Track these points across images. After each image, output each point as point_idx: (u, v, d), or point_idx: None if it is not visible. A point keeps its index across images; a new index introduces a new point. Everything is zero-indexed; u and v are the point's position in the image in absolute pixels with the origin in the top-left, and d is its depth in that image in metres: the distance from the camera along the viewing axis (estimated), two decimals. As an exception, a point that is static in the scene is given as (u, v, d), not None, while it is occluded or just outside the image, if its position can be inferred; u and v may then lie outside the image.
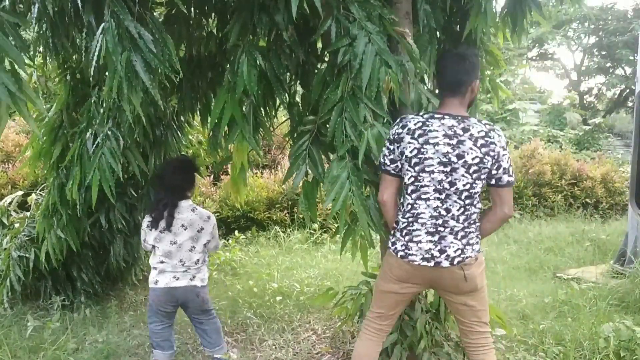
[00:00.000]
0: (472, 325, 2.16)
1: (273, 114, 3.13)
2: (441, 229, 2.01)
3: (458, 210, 2.01)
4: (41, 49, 3.11)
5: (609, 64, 21.95)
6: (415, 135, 2.00)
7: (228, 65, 2.55)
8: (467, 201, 2.02)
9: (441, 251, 2.01)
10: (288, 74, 2.84)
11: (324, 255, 5.32)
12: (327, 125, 2.39)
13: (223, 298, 4.05)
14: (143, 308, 4.00)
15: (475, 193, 2.02)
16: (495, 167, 2.00)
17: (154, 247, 2.79)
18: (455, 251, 2.01)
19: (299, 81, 3.01)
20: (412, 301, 2.65)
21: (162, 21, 3.11)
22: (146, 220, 2.82)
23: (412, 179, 2.03)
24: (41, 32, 2.95)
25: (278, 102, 2.97)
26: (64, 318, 3.61)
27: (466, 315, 2.16)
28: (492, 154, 1.98)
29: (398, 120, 2.10)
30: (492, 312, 2.81)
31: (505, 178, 2.02)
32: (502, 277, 4.63)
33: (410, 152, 2.01)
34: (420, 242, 2.02)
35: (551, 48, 23.37)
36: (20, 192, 4.62)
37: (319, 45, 2.97)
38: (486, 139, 1.98)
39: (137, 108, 2.19)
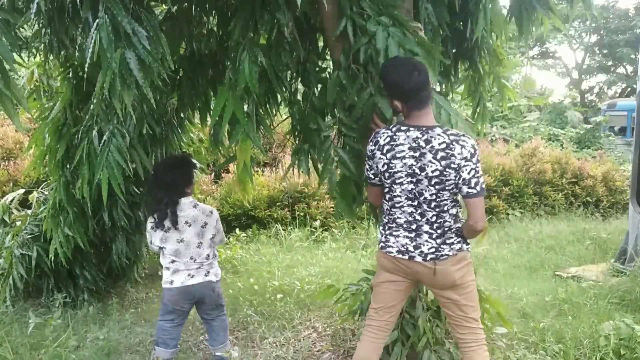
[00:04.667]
0: (458, 319, 2.20)
1: (274, 111, 3.13)
2: (418, 230, 2.12)
3: (432, 217, 2.09)
4: (41, 46, 3.11)
5: (610, 63, 21.94)
6: (384, 151, 2.08)
7: (229, 63, 2.55)
8: (438, 209, 2.08)
9: (416, 247, 2.12)
10: (289, 71, 2.84)
11: (324, 253, 5.32)
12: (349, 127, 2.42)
13: (224, 296, 4.05)
14: (144, 305, 4.01)
15: (443, 202, 2.07)
16: (457, 179, 2.01)
17: (161, 248, 2.80)
18: (429, 249, 2.10)
19: (299, 79, 3.01)
20: (413, 299, 2.66)
21: (162, 18, 3.11)
22: (150, 222, 2.82)
23: (387, 189, 2.16)
24: (41, 29, 2.95)
25: (279, 100, 2.97)
26: (65, 315, 3.61)
27: (452, 309, 2.20)
28: (453, 166, 1.99)
29: (372, 136, 2.16)
30: (493, 305, 2.82)
31: (465, 189, 2.02)
32: (502, 275, 4.63)
33: (382, 166, 2.10)
34: (398, 236, 2.16)
35: (552, 47, 23.37)
36: (21, 190, 4.62)
37: (320, 42, 2.97)
38: (447, 151, 1.99)
39: (127, 105, 2.17)
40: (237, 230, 5.99)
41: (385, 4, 2.28)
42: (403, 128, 2.07)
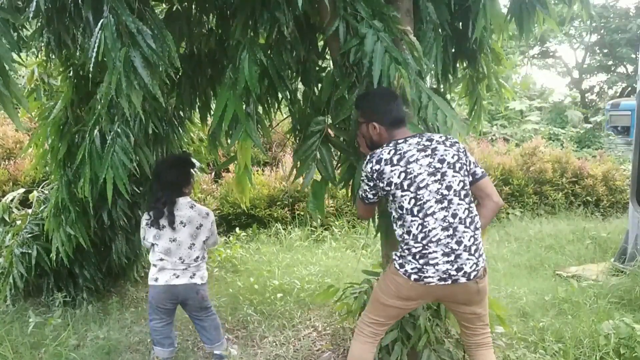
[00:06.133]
0: (477, 329, 2.24)
1: (274, 111, 3.14)
2: (455, 246, 2.01)
3: (463, 212, 2.04)
4: (41, 45, 3.11)
5: (610, 62, 21.91)
6: (395, 162, 2.06)
7: (228, 62, 2.55)
8: (467, 199, 2.06)
9: (458, 269, 2.01)
10: (289, 71, 2.84)
11: (324, 253, 5.33)
12: (338, 126, 2.43)
13: (224, 295, 4.06)
14: (144, 305, 4.01)
15: (469, 190, 2.09)
16: (468, 163, 2.11)
17: (153, 244, 2.81)
18: (470, 267, 2.02)
19: (300, 78, 3.01)
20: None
21: (162, 18, 3.11)
22: (145, 219, 2.83)
23: (413, 200, 2.03)
24: (40, 28, 2.95)
25: (280, 99, 2.97)
26: (65, 314, 3.62)
27: (474, 322, 2.22)
28: (460, 150, 2.12)
29: (369, 157, 2.14)
30: (493, 307, 2.83)
31: (478, 170, 2.13)
32: (502, 274, 4.63)
33: (398, 177, 2.04)
34: (437, 264, 2.01)
35: (553, 46, 23.35)
36: (22, 190, 4.62)
37: (320, 42, 2.97)
38: (450, 140, 2.13)
39: (137, 106, 2.16)
40: (237, 229, 5.99)
41: (379, 7, 2.29)
42: (400, 141, 2.11)
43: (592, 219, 7.22)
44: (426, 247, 2.01)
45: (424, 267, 2.01)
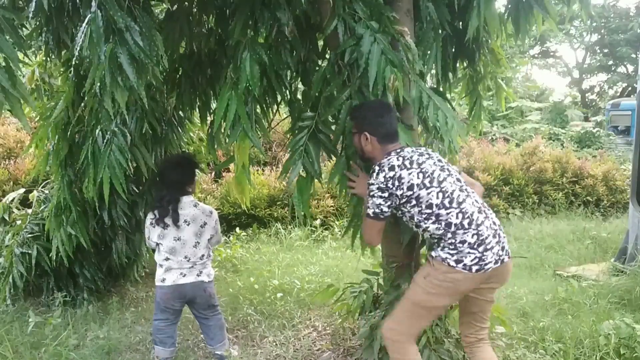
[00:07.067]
0: (485, 321, 2.28)
1: (273, 110, 3.13)
2: (495, 226, 2.09)
3: (477, 198, 2.16)
4: (41, 45, 3.12)
5: (610, 62, 21.92)
6: (408, 165, 2.10)
7: (229, 62, 2.55)
8: (472, 190, 2.18)
9: (502, 248, 2.08)
10: (289, 70, 2.84)
11: (324, 253, 5.33)
12: (326, 123, 2.42)
13: (224, 295, 4.06)
14: (144, 304, 4.01)
15: None
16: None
17: (158, 244, 2.81)
18: (507, 244, 2.13)
19: (299, 78, 3.01)
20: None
21: (163, 18, 3.11)
22: (149, 218, 2.83)
23: (441, 194, 2.05)
24: (39, 27, 2.95)
25: (279, 98, 2.97)
26: (65, 314, 3.62)
27: (485, 311, 2.26)
28: (439, 156, 2.24)
29: (378, 169, 2.12)
30: (492, 309, 2.82)
31: (454, 167, 2.27)
32: (502, 274, 4.63)
33: (418, 177, 2.08)
34: (492, 247, 2.03)
35: (553, 46, 23.36)
36: (22, 190, 4.62)
37: (320, 42, 2.97)
38: (428, 151, 2.25)
39: (121, 104, 2.14)
40: (237, 229, 5.99)
41: (377, 8, 2.29)
42: (398, 150, 2.18)
43: (592, 219, 7.22)
44: (479, 232, 2.01)
45: (484, 254, 2.00)
